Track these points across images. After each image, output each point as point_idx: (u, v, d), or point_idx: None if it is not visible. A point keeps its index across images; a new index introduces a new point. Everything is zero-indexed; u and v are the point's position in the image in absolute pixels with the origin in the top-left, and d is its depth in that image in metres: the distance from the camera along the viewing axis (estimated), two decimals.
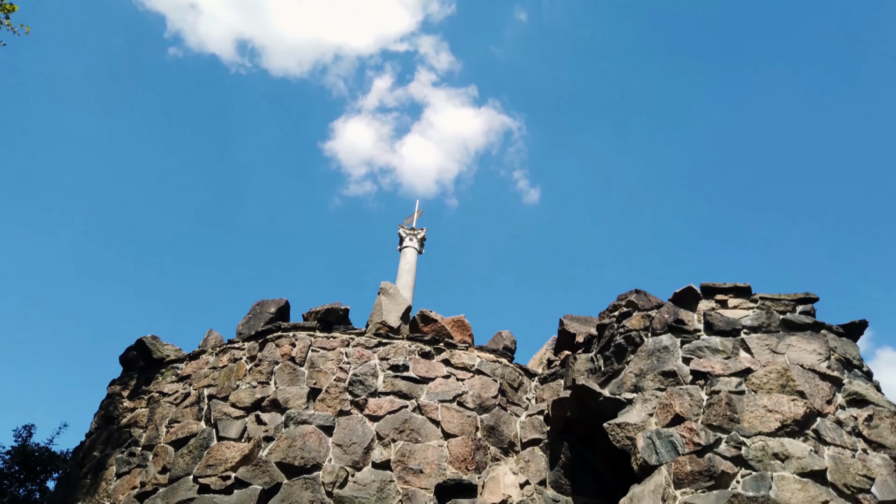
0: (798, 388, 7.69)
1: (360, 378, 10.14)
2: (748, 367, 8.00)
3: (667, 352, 8.63)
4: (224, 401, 9.96)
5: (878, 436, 7.54)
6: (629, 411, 8.35)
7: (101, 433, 10.88)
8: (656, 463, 7.53)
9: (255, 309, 11.95)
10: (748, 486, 6.98)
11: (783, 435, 7.32)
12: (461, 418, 9.85)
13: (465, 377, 10.49)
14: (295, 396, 9.82)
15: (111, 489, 9.62)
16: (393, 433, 9.49)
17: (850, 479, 7.00)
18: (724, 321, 8.62)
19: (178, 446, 9.64)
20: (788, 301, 8.78)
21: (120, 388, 11.57)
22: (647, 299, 9.66)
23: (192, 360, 11.26)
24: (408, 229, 20.22)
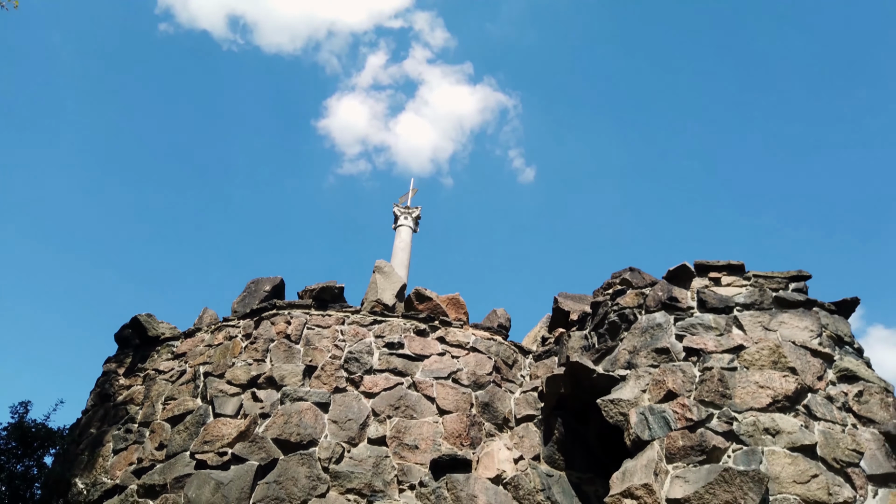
0: (790, 365, 7.77)
1: (356, 355, 10.19)
2: (741, 344, 8.07)
3: (660, 329, 8.68)
4: (220, 378, 10.00)
5: (868, 411, 7.64)
6: (622, 387, 8.43)
7: (97, 410, 10.92)
8: (649, 438, 7.62)
9: (249, 287, 11.95)
10: (739, 460, 7.08)
11: (774, 410, 7.41)
12: (456, 395, 9.93)
13: (459, 354, 10.55)
14: (291, 374, 9.87)
15: (108, 465, 9.68)
16: (388, 410, 9.56)
17: (840, 453, 7.10)
18: (718, 298, 8.67)
19: (174, 423, 9.70)
20: (781, 278, 8.83)
21: (116, 365, 11.60)
22: (641, 277, 9.70)
23: (188, 337, 11.28)
24: (402, 208, 20.19)
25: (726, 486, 6.76)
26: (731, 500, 6.69)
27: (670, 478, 7.16)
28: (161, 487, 8.84)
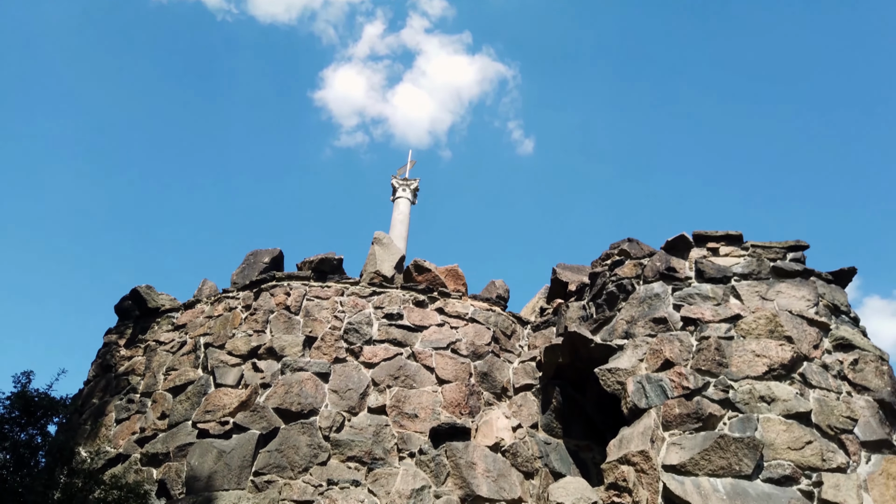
0: (786, 334, 7.83)
1: (355, 326, 10.24)
2: (738, 314, 8.12)
3: (658, 299, 8.73)
4: (220, 349, 10.07)
5: (863, 379, 7.73)
6: (620, 357, 8.50)
7: (99, 381, 11.02)
8: (646, 406, 7.71)
9: (248, 259, 11.97)
10: (735, 427, 7.18)
11: (770, 378, 7.49)
12: (455, 365, 10.01)
13: (458, 325, 10.61)
14: (291, 344, 9.93)
15: (111, 434, 9.80)
16: (388, 379, 9.65)
17: (834, 420, 7.20)
18: (715, 268, 8.71)
19: (176, 393, 9.79)
20: (779, 248, 8.86)
21: (116, 336, 11.66)
22: (639, 248, 9.72)
23: (188, 309, 11.33)
24: (401, 180, 20.13)
25: (721, 453, 6.87)
26: (725, 465, 6.81)
27: (666, 445, 7.27)
28: (164, 456, 8.96)
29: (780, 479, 6.72)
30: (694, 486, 6.77)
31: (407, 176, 20.30)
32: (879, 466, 7.04)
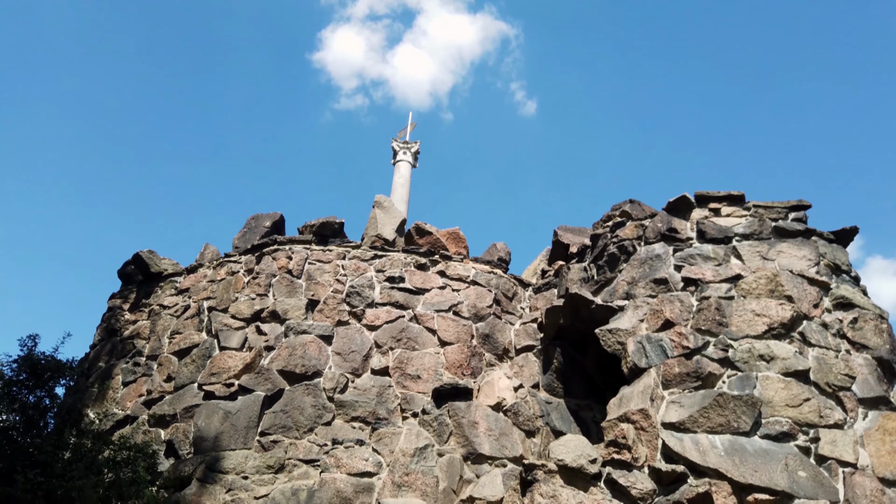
0: (786, 293, 7.86)
1: (357, 289, 10.29)
2: (738, 274, 8.14)
3: (659, 260, 8.74)
4: (224, 312, 10.14)
5: (862, 337, 7.78)
6: (621, 317, 8.56)
7: (104, 345, 11.14)
8: (646, 366, 7.79)
9: (250, 223, 11.97)
10: (734, 385, 7.26)
11: (770, 337, 7.54)
12: (457, 327, 10.08)
13: (460, 288, 10.66)
14: (294, 308, 10.00)
15: (118, 397, 9.95)
16: (390, 342, 9.74)
17: (833, 377, 7.27)
18: (717, 229, 8.69)
19: (181, 356, 9.90)
20: (781, 208, 8.83)
21: (120, 301, 11.75)
22: (640, 209, 9.69)
23: (191, 273, 11.38)
24: (401, 143, 19.98)
25: (720, 410, 6.97)
26: (724, 423, 6.90)
27: (666, 403, 7.37)
28: (171, 417, 9.11)
29: (777, 436, 6.82)
30: (693, 442, 6.88)
31: (407, 139, 20.15)
32: (876, 422, 7.14)
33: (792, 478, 6.46)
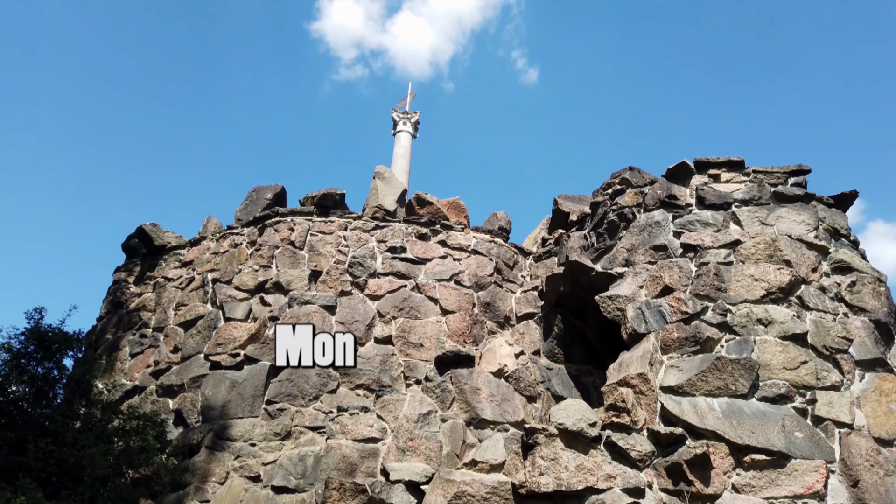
0: (785, 258, 7.91)
1: (360, 260, 10.37)
2: (737, 239, 8.18)
3: (658, 227, 8.78)
4: (228, 284, 10.25)
5: (860, 300, 7.84)
6: (620, 284, 8.63)
7: (111, 317, 11.28)
8: (645, 331, 7.88)
9: (251, 195, 12.00)
10: (731, 349, 7.34)
11: (768, 302, 7.61)
12: (458, 296, 10.18)
13: (461, 257, 10.73)
14: (297, 279, 10.09)
15: (126, 368, 10.12)
16: (393, 311, 9.84)
17: (830, 340, 7.36)
18: (716, 195, 8.71)
19: (187, 327, 10.03)
20: (781, 173, 8.83)
21: (125, 274, 11.86)
22: (640, 176, 9.69)
23: (194, 246, 11.46)
24: (401, 113, 19.87)
25: (718, 374, 7.07)
26: (722, 386, 7.01)
27: (665, 367, 7.47)
28: (179, 387, 9.28)
29: (774, 398, 6.93)
30: (691, 405, 7.00)
31: (407, 109, 20.03)
32: (872, 384, 7.23)
33: (788, 438, 6.58)
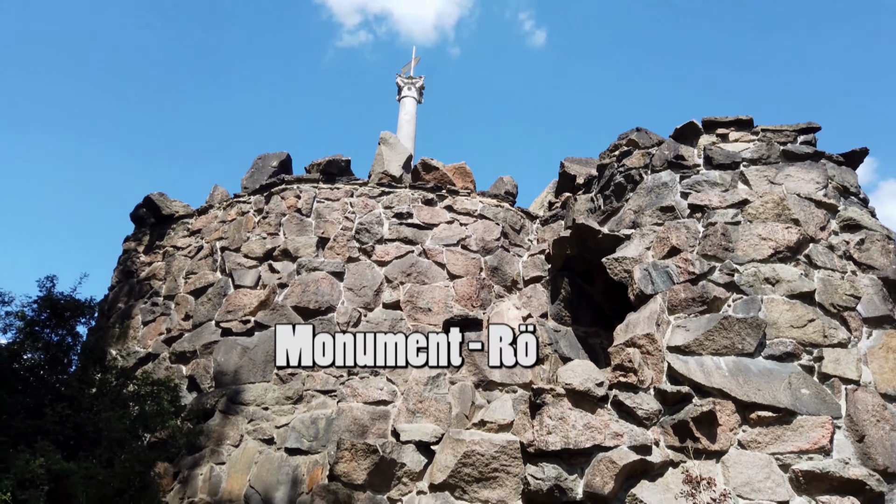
0: (793, 217, 7.86)
1: (366, 226, 10.39)
2: (745, 199, 8.13)
3: (666, 188, 8.73)
4: (236, 252, 10.31)
5: (869, 258, 7.81)
6: (627, 246, 8.61)
7: (122, 286, 11.41)
8: (652, 292, 7.89)
9: (257, 163, 12.00)
10: (739, 308, 7.36)
11: (775, 261, 7.59)
12: (465, 260, 10.21)
13: (467, 222, 10.73)
14: (304, 246, 10.13)
15: (139, 335, 10.27)
16: (401, 276, 9.89)
17: (838, 298, 7.35)
18: (724, 154, 8.63)
19: (197, 295, 10.14)
20: (790, 132, 8.73)
21: (135, 244, 11.95)
22: (647, 137, 9.61)
23: (201, 214, 11.51)
24: (405, 78, 19.67)
25: (725, 333, 7.09)
26: (728, 345, 7.04)
27: (671, 327, 7.50)
28: (191, 354, 9.41)
29: (781, 356, 6.96)
30: (697, 364, 7.04)
31: (412, 74, 19.82)
32: (880, 341, 7.25)
33: (795, 395, 6.63)
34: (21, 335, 6.35)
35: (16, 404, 5.73)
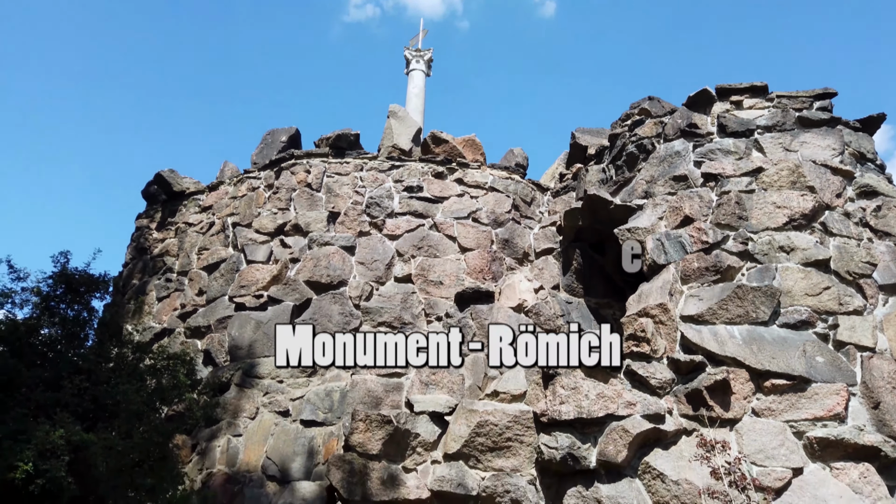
0: (808, 184, 7.76)
1: (377, 200, 10.37)
2: (760, 167, 8.02)
3: (678, 157, 8.63)
4: (248, 227, 10.34)
5: (885, 225, 7.71)
6: (639, 216, 8.55)
7: (136, 263, 11.49)
8: (664, 262, 7.84)
9: (266, 139, 11.97)
10: (753, 277, 7.30)
11: (790, 229, 7.51)
12: (476, 233, 10.18)
13: (478, 195, 10.68)
14: (315, 220, 10.14)
15: (154, 311, 10.36)
16: (412, 250, 9.89)
17: (853, 266, 7.27)
18: (738, 122, 8.50)
19: (210, 271, 10.19)
20: (805, 98, 8.58)
21: (147, 221, 12.01)
22: (660, 106, 9.48)
23: (212, 191, 11.52)
24: (413, 51, 19.46)
25: (739, 302, 7.04)
26: (742, 313, 7.00)
27: (685, 297, 7.46)
28: (206, 328, 9.50)
29: (796, 324, 6.91)
30: (711, 333, 7.01)
31: (420, 46, 19.61)
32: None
33: (809, 363, 6.59)
34: (37, 310, 6.40)
35: (35, 377, 5.80)
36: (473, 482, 6.66)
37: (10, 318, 6.37)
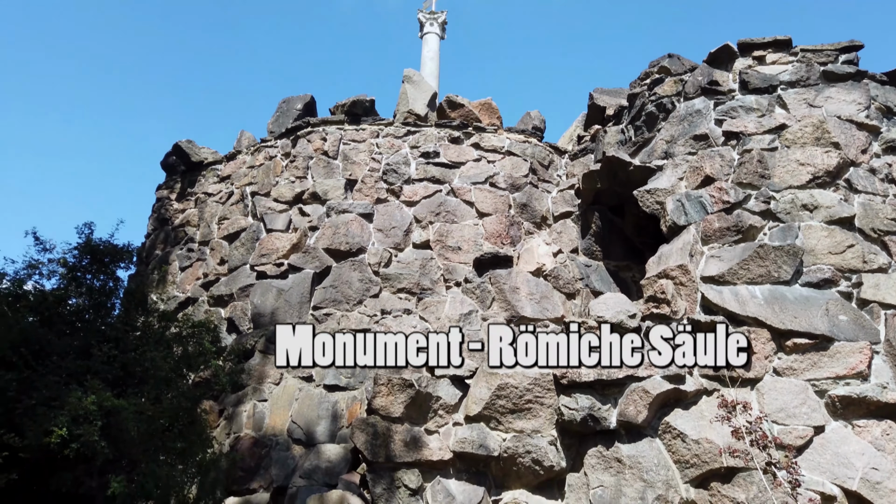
0: (833, 140, 7.59)
1: (394, 167, 10.35)
2: (783, 123, 7.86)
3: (699, 115, 8.47)
4: (266, 196, 10.40)
5: None
6: (659, 177, 8.44)
7: (158, 234, 11.64)
8: (685, 223, 7.77)
9: (281, 107, 11.94)
10: (775, 237, 7.21)
11: (814, 187, 7.38)
12: (494, 198, 10.14)
13: (495, 159, 10.61)
14: (333, 188, 10.16)
15: (178, 281, 10.53)
16: (430, 216, 9.89)
17: (879, 223, 7.15)
18: (761, 78, 8.30)
19: (231, 240, 10.30)
20: (831, 51, 8.33)
21: (167, 191, 12.12)
22: (680, 63, 9.28)
23: (230, 160, 11.57)
24: (427, 13, 19.15)
25: (760, 261, 6.98)
26: (764, 273, 6.93)
27: (705, 258, 7.40)
28: (228, 297, 9.64)
29: (819, 283, 6.84)
30: (732, 294, 6.97)
31: (434, 9, 19.28)
32: None
33: (832, 322, 6.54)
34: (64, 281, 6.54)
35: (64, 346, 5.95)
36: (495, 443, 6.76)
37: (39, 288, 6.50)
